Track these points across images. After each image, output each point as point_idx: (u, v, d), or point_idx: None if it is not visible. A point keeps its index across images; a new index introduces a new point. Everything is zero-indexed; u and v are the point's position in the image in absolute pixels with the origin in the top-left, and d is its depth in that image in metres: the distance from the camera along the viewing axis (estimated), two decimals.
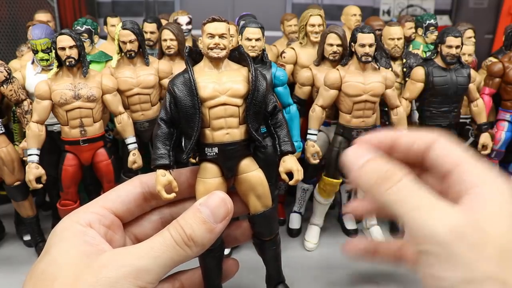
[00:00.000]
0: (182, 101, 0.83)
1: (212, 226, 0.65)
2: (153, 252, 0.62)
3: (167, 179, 0.79)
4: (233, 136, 0.86)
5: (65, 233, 0.65)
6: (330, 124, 1.89)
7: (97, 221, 0.68)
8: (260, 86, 0.86)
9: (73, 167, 1.61)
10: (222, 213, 0.68)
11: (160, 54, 1.95)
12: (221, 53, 0.87)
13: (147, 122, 1.76)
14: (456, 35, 1.75)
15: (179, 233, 0.63)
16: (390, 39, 2.00)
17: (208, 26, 0.90)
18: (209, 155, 0.86)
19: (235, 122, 0.86)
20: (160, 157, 0.84)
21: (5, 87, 1.61)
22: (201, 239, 0.64)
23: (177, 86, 0.83)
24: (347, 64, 1.72)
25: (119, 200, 0.73)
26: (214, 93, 0.85)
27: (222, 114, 0.86)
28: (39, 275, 0.59)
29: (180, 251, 0.63)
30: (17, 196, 1.69)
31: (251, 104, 0.85)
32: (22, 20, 3.89)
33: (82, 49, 1.53)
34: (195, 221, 0.65)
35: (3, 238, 1.92)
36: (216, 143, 0.85)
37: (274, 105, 0.90)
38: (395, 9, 5.22)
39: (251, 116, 0.86)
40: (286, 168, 0.88)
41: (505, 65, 1.95)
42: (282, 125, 0.91)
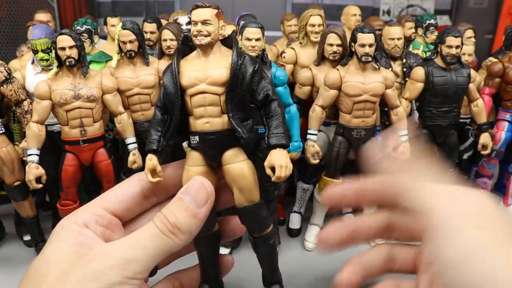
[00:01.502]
0: (167, 88, 0.83)
1: (195, 211, 0.66)
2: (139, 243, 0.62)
3: (152, 164, 0.82)
4: (213, 125, 0.84)
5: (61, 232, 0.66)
6: (330, 124, 1.89)
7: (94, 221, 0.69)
8: (246, 73, 0.82)
9: (73, 167, 1.61)
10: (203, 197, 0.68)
11: (160, 54, 1.95)
12: (204, 40, 0.85)
13: (147, 122, 1.76)
14: (456, 35, 1.76)
15: (163, 222, 0.64)
16: (390, 39, 2.00)
17: (193, 13, 0.88)
18: (192, 143, 0.86)
19: (216, 110, 0.84)
20: (150, 142, 0.86)
21: (5, 87, 1.61)
22: (186, 226, 0.65)
23: (165, 75, 0.84)
24: (347, 64, 1.72)
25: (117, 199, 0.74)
26: (194, 81, 0.84)
27: (201, 103, 0.85)
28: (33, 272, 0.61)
29: (167, 239, 0.63)
30: (17, 196, 1.69)
31: (231, 92, 0.82)
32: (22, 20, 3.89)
33: (82, 49, 1.53)
34: (177, 209, 0.66)
35: (3, 238, 1.92)
36: (197, 132, 0.85)
37: (267, 94, 0.85)
38: (395, 9, 5.22)
39: (233, 105, 0.83)
40: (270, 163, 0.83)
41: (505, 65, 1.95)
42: (274, 115, 0.85)
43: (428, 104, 1.86)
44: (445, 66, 1.81)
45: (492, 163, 2.08)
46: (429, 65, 1.82)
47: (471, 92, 1.88)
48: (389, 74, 1.73)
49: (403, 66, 2.04)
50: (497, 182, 2.43)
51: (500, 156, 2.05)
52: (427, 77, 1.81)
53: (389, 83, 1.72)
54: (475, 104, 1.92)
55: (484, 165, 2.11)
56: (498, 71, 1.96)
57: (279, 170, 0.82)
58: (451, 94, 1.82)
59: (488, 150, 1.95)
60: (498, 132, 2.01)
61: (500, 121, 2.02)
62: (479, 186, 2.14)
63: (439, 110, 1.85)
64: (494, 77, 1.98)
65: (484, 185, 2.13)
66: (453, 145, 1.95)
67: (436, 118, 1.86)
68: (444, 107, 1.84)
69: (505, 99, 2.00)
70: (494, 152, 2.02)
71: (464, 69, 1.83)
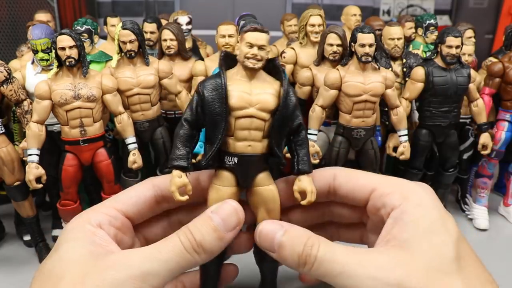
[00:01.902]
0: (211, 106, 0.81)
1: (222, 234, 0.66)
2: (160, 256, 0.61)
3: (183, 182, 0.78)
4: (254, 149, 0.84)
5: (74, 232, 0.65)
6: (330, 124, 1.89)
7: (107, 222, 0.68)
8: (290, 103, 0.85)
9: (73, 167, 1.60)
10: (234, 222, 0.68)
11: (160, 54, 1.95)
12: (258, 64, 0.85)
13: (147, 122, 1.76)
14: (456, 35, 1.75)
15: (188, 239, 0.63)
16: (390, 39, 2.00)
17: (249, 34, 0.86)
18: (228, 164, 0.84)
19: (259, 135, 0.85)
20: (178, 157, 0.81)
21: (5, 87, 1.61)
22: (210, 247, 0.65)
23: (207, 89, 0.82)
24: (347, 64, 1.72)
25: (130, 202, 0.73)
26: (244, 103, 0.83)
27: (247, 126, 0.84)
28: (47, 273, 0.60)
29: (188, 256, 0.63)
30: (17, 196, 1.69)
31: (278, 120, 0.84)
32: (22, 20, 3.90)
33: (82, 49, 1.53)
34: (205, 228, 0.65)
35: (3, 238, 1.92)
36: (237, 153, 0.84)
37: (299, 123, 0.89)
38: (395, 9, 5.22)
39: (275, 131, 0.85)
40: (301, 188, 0.85)
41: (505, 65, 1.95)
42: (303, 143, 0.89)
43: (428, 104, 1.86)
44: (445, 66, 1.81)
45: (492, 163, 2.08)
46: (429, 65, 1.82)
47: (471, 92, 1.88)
48: (389, 74, 1.73)
49: (403, 66, 2.04)
50: (497, 182, 2.43)
51: (500, 156, 2.05)
52: (427, 77, 1.81)
53: (389, 83, 1.72)
54: (475, 104, 1.92)
55: (484, 165, 2.11)
56: (498, 71, 1.96)
57: (310, 195, 0.84)
58: (451, 94, 1.82)
59: (488, 150, 1.95)
60: (498, 132, 2.01)
61: (500, 121, 2.02)
62: (479, 186, 2.14)
63: (439, 110, 1.85)
64: (494, 77, 1.98)
65: (484, 185, 2.13)
66: (453, 145, 1.95)
67: (436, 118, 1.86)
68: (444, 107, 1.84)
69: (505, 99, 2.00)
70: (494, 152, 2.02)
71: (464, 69, 1.83)
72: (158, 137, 1.81)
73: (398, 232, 0.63)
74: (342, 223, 0.87)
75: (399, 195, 0.68)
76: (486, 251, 1.88)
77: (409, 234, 0.62)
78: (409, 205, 0.66)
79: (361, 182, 0.76)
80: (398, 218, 0.65)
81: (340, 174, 0.81)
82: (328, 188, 0.82)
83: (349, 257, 0.62)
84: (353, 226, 0.86)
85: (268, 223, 0.74)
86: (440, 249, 0.60)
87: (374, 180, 0.75)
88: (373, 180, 0.75)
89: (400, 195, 0.68)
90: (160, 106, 1.82)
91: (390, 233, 0.65)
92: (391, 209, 0.67)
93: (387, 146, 1.91)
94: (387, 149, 1.91)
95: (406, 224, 0.64)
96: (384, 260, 0.61)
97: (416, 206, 0.66)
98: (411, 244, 0.61)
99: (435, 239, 0.62)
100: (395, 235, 0.64)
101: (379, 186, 0.72)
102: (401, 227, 0.64)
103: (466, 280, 0.58)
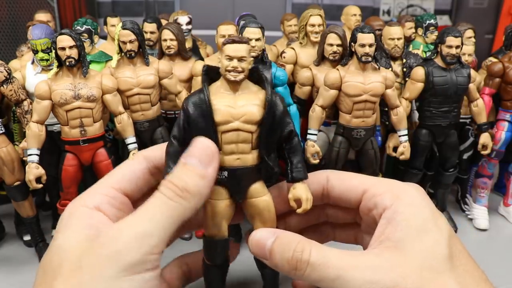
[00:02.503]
0: (196, 123, 0.80)
1: (202, 171, 0.64)
2: (149, 215, 0.60)
3: None
4: (244, 161, 0.84)
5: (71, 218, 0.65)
6: (330, 124, 1.89)
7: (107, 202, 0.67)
8: (277, 111, 0.84)
9: (73, 167, 1.60)
10: (208, 156, 0.67)
11: (160, 54, 1.95)
12: (239, 76, 0.84)
13: (147, 122, 1.76)
14: (456, 35, 1.75)
15: (170, 188, 0.62)
16: (390, 39, 2.00)
17: (227, 47, 0.85)
18: (219, 177, 0.84)
19: (247, 147, 0.84)
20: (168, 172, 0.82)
21: (5, 87, 1.61)
22: (196, 188, 0.63)
23: (191, 106, 0.81)
24: (347, 64, 1.72)
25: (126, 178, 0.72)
26: (228, 118, 0.82)
27: (234, 140, 0.83)
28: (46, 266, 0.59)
29: (176, 205, 0.61)
30: (17, 196, 1.69)
31: (265, 131, 0.83)
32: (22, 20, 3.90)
33: (82, 49, 1.53)
34: (184, 173, 0.64)
35: (3, 238, 1.92)
36: (226, 167, 0.83)
37: (290, 130, 0.87)
38: (395, 9, 5.22)
39: (263, 142, 0.84)
40: (296, 196, 0.84)
41: (505, 65, 1.95)
42: (296, 150, 0.87)
43: (428, 104, 1.86)
44: (445, 66, 1.81)
45: (492, 163, 2.08)
46: (429, 65, 1.82)
47: (471, 92, 1.88)
48: (389, 74, 1.73)
49: (403, 66, 2.04)
50: (497, 182, 2.43)
51: (500, 156, 2.05)
52: (427, 77, 1.81)
53: (389, 83, 1.72)
54: (475, 104, 1.92)
55: (484, 165, 2.11)
56: (498, 71, 1.96)
57: (306, 203, 0.82)
58: (451, 94, 1.82)
59: (488, 150, 1.95)
60: (498, 132, 2.01)
61: (500, 121, 2.02)
62: (479, 186, 2.14)
63: (439, 110, 1.85)
64: (494, 77, 1.98)
65: (484, 185, 2.13)
66: (453, 145, 1.95)
67: (436, 118, 1.86)
68: (444, 107, 1.84)
69: (505, 99, 2.00)
70: (494, 152, 2.02)
71: (464, 69, 1.83)
72: (158, 137, 1.81)
73: (391, 232, 0.64)
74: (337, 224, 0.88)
75: (390, 195, 0.69)
76: (486, 251, 1.89)
77: (402, 233, 0.63)
78: (401, 204, 0.66)
79: (353, 183, 0.76)
80: (391, 218, 0.65)
81: (333, 176, 0.82)
82: (322, 191, 0.83)
83: (344, 261, 0.62)
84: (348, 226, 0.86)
85: (260, 231, 0.74)
86: (433, 248, 0.61)
87: (366, 182, 0.76)
88: (365, 181, 0.76)
89: (391, 195, 0.69)
90: (160, 106, 1.82)
91: (383, 233, 0.65)
92: (383, 210, 0.67)
93: (387, 146, 1.91)
94: (387, 149, 1.92)
95: (398, 224, 0.64)
96: (379, 262, 0.61)
97: (407, 205, 0.66)
98: (404, 244, 0.61)
99: (428, 238, 0.62)
100: (388, 235, 0.64)
101: (371, 187, 0.73)
102: (393, 227, 0.64)
103: (459, 279, 0.59)
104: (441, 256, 0.60)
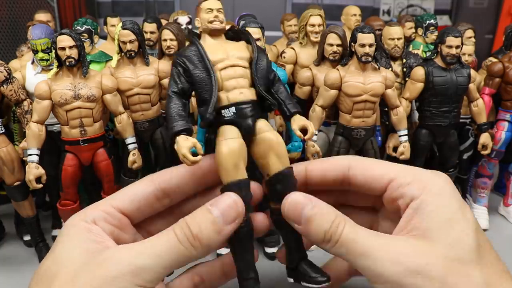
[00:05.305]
0: (194, 67, 0.85)
1: (221, 227, 0.63)
2: (154, 250, 0.59)
3: (191, 141, 0.77)
4: (246, 95, 0.87)
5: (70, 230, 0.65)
6: (330, 124, 1.89)
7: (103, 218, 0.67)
8: (262, 55, 0.91)
9: (73, 167, 1.60)
10: (233, 215, 0.66)
11: (160, 54, 1.95)
12: (221, 25, 0.91)
13: (147, 122, 1.76)
14: (456, 35, 1.75)
15: (184, 232, 0.61)
16: (390, 39, 2.00)
17: (206, 3, 0.93)
18: (227, 116, 0.85)
19: (246, 82, 0.88)
20: (177, 124, 0.81)
21: (5, 87, 1.61)
22: (208, 240, 0.62)
23: (185, 56, 0.86)
24: (347, 64, 1.72)
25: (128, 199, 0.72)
26: (222, 55, 0.88)
27: (233, 75, 0.87)
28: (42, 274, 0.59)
29: (184, 250, 0.60)
30: (17, 196, 1.69)
31: (256, 69, 0.89)
32: (22, 20, 3.90)
33: (82, 49, 1.53)
34: (203, 221, 0.63)
35: (3, 238, 1.92)
36: (232, 103, 0.85)
37: (274, 75, 0.94)
38: (395, 9, 5.22)
39: (259, 79, 0.89)
40: (300, 125, 0.89)
41: (505, 65, 1.95)
42: (284, 91, 0.94)
43: (428, 104, 1.86)
44: (445, 66, 1.81)
45: (492, 163, 2.08)
46: (429, 65, 1.82)
47: (471, 92, 1.88)
48: (389, 74, 1.73)
49: (403, 66, 2.04)
50: (497, 182, 2.43)
51: (500, 156, 2.05)
52: (427, 77, 1.81)
53: (389, 83, 1.72)
54: (475, 104, 1.92)
55: (484, 165, 2.11)
56: (498, 71, 1.96)
57: (311, 127, 0.88)
58: (451, 94, 1.82)
59: (488, 150, 1.95)
60: (498, 132, 2.01)
61: (500, 121, 2.02)
62: (479, 186, 2.14)
63: (439, 110, 1.84)
64: (494, 77, 1.98)
65: (484, 185, 2.13)
66: (453, 145, 1.95)
67: (436, 118, 1.86)
68: (444, 107, 1.84)
69: (505, 99, 2.00)
70: (494, 152, 2.02)
71: (464, 69, 1.83)
72: (158, 137, 1.81)
73: (418, 222, 0.63)
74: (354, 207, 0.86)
75: (418, 185, 0.68)
76: None
77: (430, 224, 0.62)
78: (429, 195, 0.66)
79: (377, 172, 0.74)
80: (418, 208, 0.65)
81: (355, 164, 0.79)
82: (342, 178, 0.80)
83: (372, 240, 0.63)
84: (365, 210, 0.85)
85: (297, 195, 0.72)
86: (460, 239, 0.61)
87: (391, 170, 0.73)
88: (390, 170, 0.73)
89: (419, 185, 0.68)
90: (160, 106, 1.82)
91: (409, 223, 0.65)
92: (410, 200, 0.66)
93: (387, 146, 1.91)
94: (387, 149, 1.92)
95: (426, 214, 0.64)
96: (406, 246, 0.61)
97: (435, 195, 0.65)
98: (432, 233, 0.61)
99: (456, 229, 0.62)
100: (415, 225, 0.64)
101: (397, 176, 0.71)
102: (421, 217, 0.63)
103: (484, 270, 0.60)
104: (468, 247, 0.60)
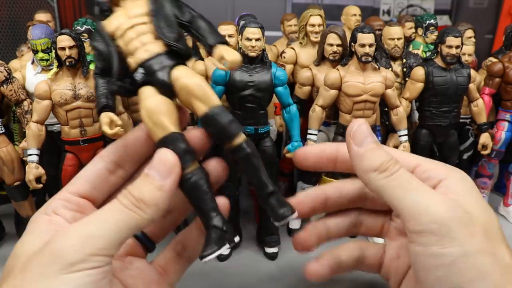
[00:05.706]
0: (99, 45, 0.82)
1: (159, 183, 0.64)
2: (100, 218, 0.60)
3: (108, 116, 0.81)
4: (151, 51, 0.80)
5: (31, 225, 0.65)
6: (330, 124, 1.89)
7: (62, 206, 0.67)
8: (163, 2, 0.83)
9: (73, 167, 1.61)
10: (166, 168, 0.65)
11: None
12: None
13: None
14: (456, 35, 1.75)
15: (126, 197, 0.62)
16: (390, 39, 2.00)
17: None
18: (139, 78, 0.80)
19: (149, 38, 0.81)
20: (99, 102, 0.81)
21: (5, 87, 1.61)
22: (152, 199, 0.63)
23: (94, 42, 0.83)
24: (347, 64, 1.73)
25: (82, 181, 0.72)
26: (119, 23, 0.82)
27: (133, 36, 0.82)
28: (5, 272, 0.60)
29: (131, 213, 0.61)
30: (17, 196, 1.69)
31: (157, 19, 0.81)
32: (22, 20, 3.89)
33: (82, 49, 1.54)
34: (142, 184, 0.64)
35: (3, 238, 1.92)
36: (138, 64, 0.80)
37: (189, 13, 0.85)
38: (395, 9, 5.22)
39: (162, 28, 0.81)
40: (218, 55, 0.79)
41: (505, 65, 1.96)
42: (204, 26, 0.83)
43: (428, 104, 1.86)
44: (445, 66, 1.81)
45: (492, 163, 2.08)
46: (429, 65, 1.82)
47: (471, 92, 1.88)
48: (389, 74, 1.74)
49: (403, 66, 2.04)
50: (497, 182, 2.43)
51: (500, 156, 2.05)
52: (427, 77, 1.81)
53: (389, 83, 1.72)
54: (475, 104, 1.92)
55: (484, 165, 2.11)
56: (498, 71, 1.96)
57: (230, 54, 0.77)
58: (451, 94, 1.82)
59: (488, 150, 1.95)
60: (498, 132, 2.01)
61: (500, 121, 2.02)
62: (479, 186, 2.14)
63: (439, 110, 1.85)
64: (494, 77, 1.98)
65: (484, 185, 2.13)
66: (453, 145, 1.95)
67: (436, 118, 1.86)
68: (444, 107, 1.84)
69: (505, 99, 2.00)
70: (494, 152, 2.02)
71: (464, 69, 1.83)
72: None
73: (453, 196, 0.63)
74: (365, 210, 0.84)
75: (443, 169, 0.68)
76: None
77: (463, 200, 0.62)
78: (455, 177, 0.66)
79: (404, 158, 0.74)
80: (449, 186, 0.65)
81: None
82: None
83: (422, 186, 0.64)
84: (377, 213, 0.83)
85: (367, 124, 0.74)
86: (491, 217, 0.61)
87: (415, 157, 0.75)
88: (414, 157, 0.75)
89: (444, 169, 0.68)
90: None
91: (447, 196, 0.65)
92: (439, 181, 0.66)
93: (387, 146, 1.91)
94: None
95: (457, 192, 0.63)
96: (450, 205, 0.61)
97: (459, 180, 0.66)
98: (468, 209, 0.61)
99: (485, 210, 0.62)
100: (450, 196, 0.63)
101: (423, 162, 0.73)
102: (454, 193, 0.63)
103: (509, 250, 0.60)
104: (496, 228, 0.61)
